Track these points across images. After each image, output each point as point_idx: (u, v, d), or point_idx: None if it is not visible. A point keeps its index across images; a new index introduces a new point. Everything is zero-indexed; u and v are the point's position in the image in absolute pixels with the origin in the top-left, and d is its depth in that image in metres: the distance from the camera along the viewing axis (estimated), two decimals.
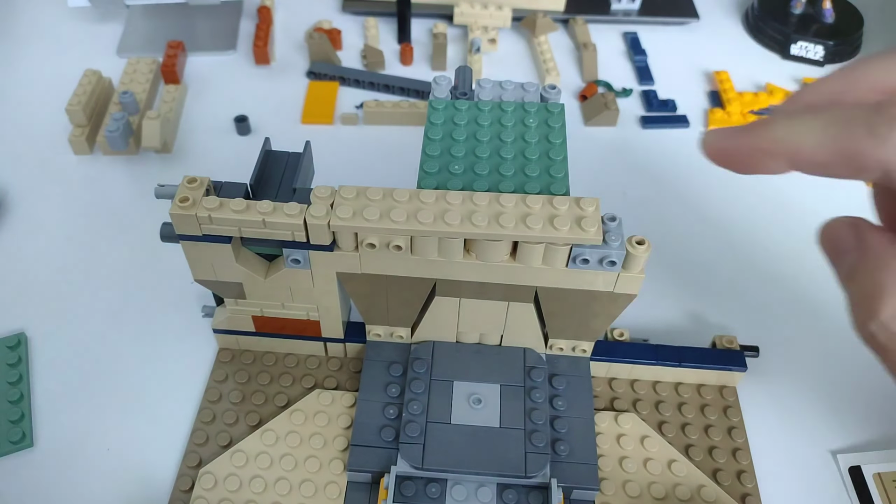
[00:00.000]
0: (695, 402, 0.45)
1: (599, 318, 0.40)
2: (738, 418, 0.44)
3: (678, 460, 0.42)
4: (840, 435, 0.45)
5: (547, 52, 0.69)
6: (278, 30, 0.73)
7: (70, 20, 0.73)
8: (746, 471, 0.42)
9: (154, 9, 0.73)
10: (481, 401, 0.41)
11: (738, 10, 0.79)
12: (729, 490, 0.41)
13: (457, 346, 0.43)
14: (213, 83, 0.68)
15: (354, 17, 0.75)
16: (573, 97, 0.67)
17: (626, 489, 0.41)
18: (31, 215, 0.56)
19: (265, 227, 0.36)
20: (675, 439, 0.43)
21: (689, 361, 0.44)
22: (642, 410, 0.44)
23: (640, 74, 0.70)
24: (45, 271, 0.52)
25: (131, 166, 0.60)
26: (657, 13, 0.76)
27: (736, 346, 0.45)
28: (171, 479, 0.41)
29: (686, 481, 0.41)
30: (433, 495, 0.38)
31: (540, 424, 0.40)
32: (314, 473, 0.40)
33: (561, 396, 0.42)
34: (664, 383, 0.45)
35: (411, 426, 0.39)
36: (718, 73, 0.68)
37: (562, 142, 0.38)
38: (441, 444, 0.39)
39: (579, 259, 0.35)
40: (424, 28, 0.74)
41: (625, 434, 0.43)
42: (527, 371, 0.42)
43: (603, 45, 0.72)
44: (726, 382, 0.45)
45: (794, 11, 0.73)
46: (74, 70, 0.64)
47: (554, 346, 0.43)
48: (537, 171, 0.37)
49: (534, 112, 0.40)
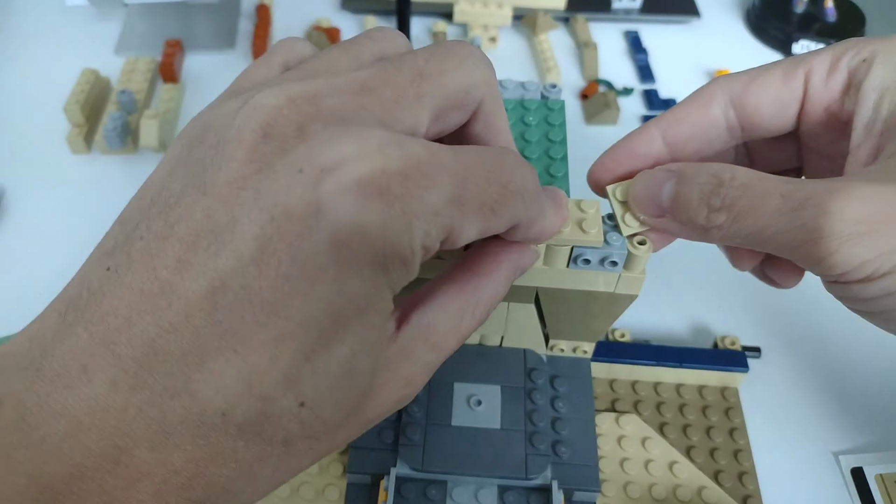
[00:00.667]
0: (696, 403, 0.44)
1: (600, 319, 0.40)
2: (739, 419, 0.44)
3: (679, 462, 0.41)
4: (842, 436, 0.45)
5: (547, 51, 0.69)
6: (277, 28, 0.73)
7: (68, 19, 0.73)
8: (748, 472, 0.42)
9: (152, 8, 0.73)
10: (482, 402, 0.40)
11: (739, 8, 0.78)
12: (730, 492, 0.41)
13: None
14: (212, 82, 0.67)
15: (354, 16, 0.75)
16: (574, 96, 0.67)
17: (628, 491, 0.40)
18: (27, 215, 0.55)
19: None
20: (676, 441, 0.43)
21: (690, 362, 0.44)
22: (643, 412, 0.44)
23: (641, 73, 0.69)
24: (42, 271, 0.51)
25: (129, 165, 0.59)
26: (658, 11, 0.76)
27: (738, 347, 0.45)
28: None
29: (687, 483, 0.41)
30: (433, 497, 0.38)
31: (541, 426, 0.40)
32: (313, 476, 0.40)
33: (562, 398, 0.42)
34: (665, 384, 0.45)
35: (411, 428, 0.39)
36: (720, 72, 0.68)
37: (562, 140, 0.38)
38: (441, 446, 0.39)
39: (580, 259, 0.35)
40: (424, 26, 0.73)
41: (626, 435, 0.42)
42: (527, 372, 0.42)
43: (604, 43, 0.72)
44: (728, 383, 0.45)
45: (796, 10, 0.73)
46: (72, 69, 0.63)
47: (555, 347, 0.43)
48: (537, 170, 0.37)
49: (533, 109, 0.40)
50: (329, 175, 0.19)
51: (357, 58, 0.25)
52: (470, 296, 0.26)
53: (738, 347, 0.45)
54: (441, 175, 0.21)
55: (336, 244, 0.19)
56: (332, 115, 0.21)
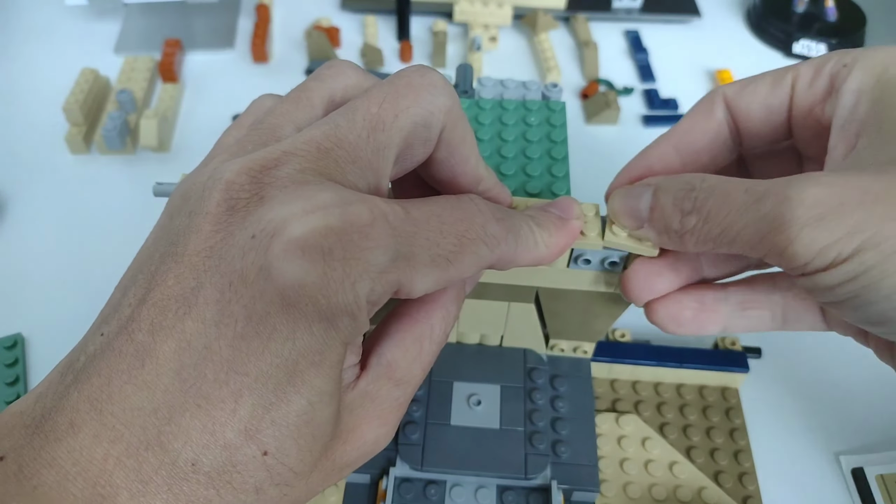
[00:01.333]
0: (697, 403, 0.44)
1: (601, 319, 0.39)
2: (739, 420, 0.44)
3: (679, 462, 0.41)
4: (843, 436, 0.44)
5: (548, 50, 0.69)
6: (277, 27, 0.73)
7: (67, 18, 0.73)
8: (748, 473, 0.42)
9: (152, 7, 0.73)
10: (481, 402, 0.40)
11: (740, 7, 0.78)
12: (730, 492, 0.41)
13: (457, 347, 0.43)
14: (211, 81, 0.67)
15: (353, 15, 0.74)
16: (574, 95, 0.67)
17: (627, 491, 0.40)
18: (27, 214, 0.55)
19: None
20: (676, 441, 0.43)
21: (690, 362, 0.44)
22: (644, 412, 0.44)
23: (641, 73, 0.69)
24: (41, 270, 0.51)
25: (129, 165, 0.59)
26: (659, 11, 0.75)
27: (738, 348, 0.45)
28: None
29: (687, 483, 0.41)
30: (432, 497, 0.38)
31: (540, 426, 0.39)
32: None
33: (562, 398, 0.42)
34: (666, 384, 0.45)
35: (410, 427, 0.39)
36: (720, 72, 0.68)
37: (563, 140, 0.38)
38: (440, 446, 0.39)
39: (581, 260, 0.35)
40: (424, 26, 0.73)
41: (626, 435, 0.42)
42: (527, 372, 0.42)
43: (604, 43, 0.72)
44: (728, 384, 0.45)
45: (797, 9, 0.73)
46: (71, 68, 0.63)
47: (555, 347, 0.43)
48: (538, 170, 0.37)
49: (535, 110, 0.40)
50: (276, 238, 0.21)
51: (309, 106, 0.26)
52: (423, 324, 0.27)
53: (739, 348, 0.45)
54: (384, 235, 0.22)
55: (285, 305, 0.21)
56: (289, 181, 0.23)
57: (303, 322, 0.21)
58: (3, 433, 0.21)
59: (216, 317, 0.21)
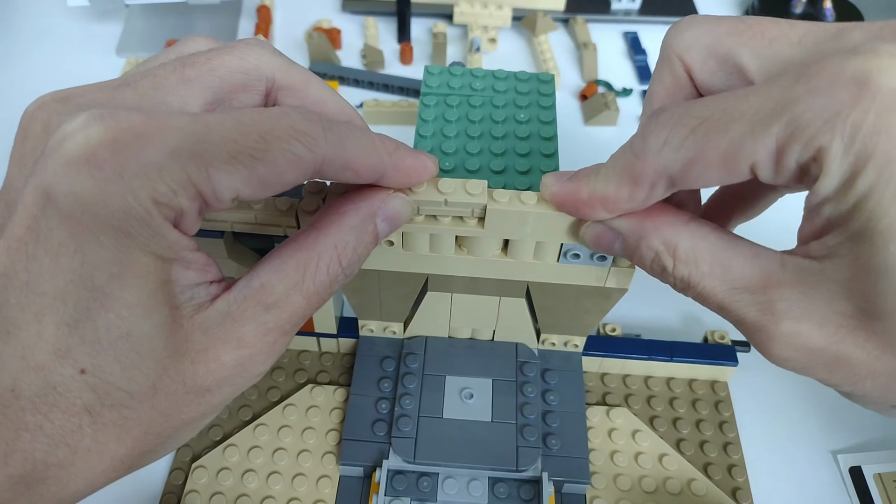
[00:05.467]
0: (686, 396, 0.45)
1: (591, 313, 0.40)
2: (729, 413, 0.44)
3: (669, 454, 0.42)
4: (841, 435, 0.45)
5: (547, 52, 0.69)
6: (278, 29, 0.74)
7: (69, 20, 0.74)
8: (737, 465, 0.42)
9: (153, 8, 0.74)
10: (473, 395, 0.41)
11: (738, 9, 0.79)
12: (720, 484, 0.41)
13: (449, 342, 0.43)
14: None
15: (354, 17, 0.75)
16: (573, 97, 0.68)
17: (617, 483, 0.41)
18: None
19: (256, 222, 0.36)
20: (666, 433, 0.43)
21: (680, 356, 0.44)
22: (634, 405, 0.44)
23: (640, 74, 0.70)
24: None
25: None
26: (657, 12, 0.76)
27: (727, 341, 0.45)
28: (163, 473, 0.42)
29: (677, 475, 0.41)
30: (425, 489, 0.38)
31: (532, 419, 0.40)
32: (307, 467, 0.41)
33: (553, 391, 0.42)
34: (656, 378, 0.45)
35: (403, 420, 0.40)
36: None
37: (552, 121, 0.38)
38: (433, 439, 0.39)
39: (570, 254, 0.35)
40: (424, 27, 0.74)
41: (616, 428, 0.43)
42: (519, 366, 0.42)
43: (603, 44, 0.72)
44: (717, 377, 0.45)
45: (795, 11, 0.73)
46: (73, 70, 0.64)
47: (546, 341, 0.43)
48: (527, 149, 0.37)
49: (525, 80, 0.40)
50: (51, 157, 0.21)
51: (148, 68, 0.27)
52: (309, 251, 0.26)
53: (728, 341, 0.45)
54: (162, 134, 0.22)
55: (65, 219, 0.21)
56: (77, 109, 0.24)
57: (86, 234, 0.21)
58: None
59: (14, 244, 0.21)
